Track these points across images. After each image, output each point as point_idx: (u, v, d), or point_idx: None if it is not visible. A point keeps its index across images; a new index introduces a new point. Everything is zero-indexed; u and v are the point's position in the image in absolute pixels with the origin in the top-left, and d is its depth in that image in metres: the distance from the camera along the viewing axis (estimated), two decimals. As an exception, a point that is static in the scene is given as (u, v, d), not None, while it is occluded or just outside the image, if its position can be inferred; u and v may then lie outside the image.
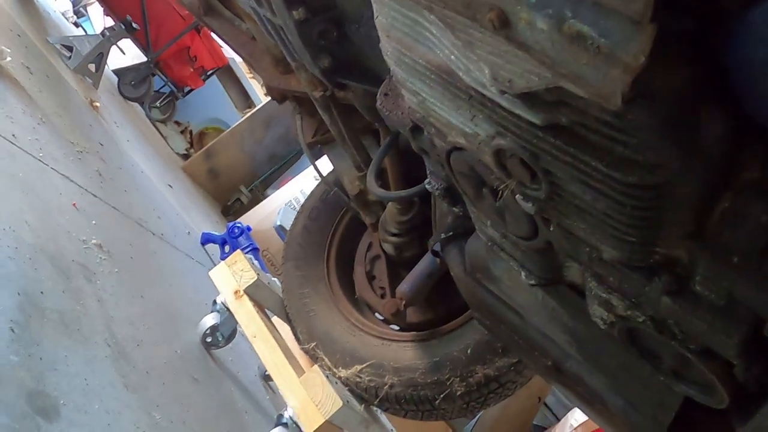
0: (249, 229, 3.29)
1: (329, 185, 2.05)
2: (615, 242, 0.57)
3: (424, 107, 0.71)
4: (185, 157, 5.57)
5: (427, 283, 1.65)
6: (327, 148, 2.05)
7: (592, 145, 0.50)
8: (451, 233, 1.33)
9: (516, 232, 0.75)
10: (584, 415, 3.02)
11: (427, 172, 0.97)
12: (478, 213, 0.84)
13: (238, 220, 3.63)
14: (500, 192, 0.67)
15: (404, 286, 1.65)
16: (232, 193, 5.16)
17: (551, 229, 0.67)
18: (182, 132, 5.87)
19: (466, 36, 0.53)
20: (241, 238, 3.17)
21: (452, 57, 0.58)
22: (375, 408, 1.87)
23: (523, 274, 0.86)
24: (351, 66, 1.10)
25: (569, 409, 3.25)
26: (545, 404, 3.64)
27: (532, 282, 0.85)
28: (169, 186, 3.79)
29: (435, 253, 1.50)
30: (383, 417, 2.01)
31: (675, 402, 0.84)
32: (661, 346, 0.72)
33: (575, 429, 3.04)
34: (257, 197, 5.07)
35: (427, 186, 1.12)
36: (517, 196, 0.65)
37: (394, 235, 1.78)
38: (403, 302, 1.65)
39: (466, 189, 0.78)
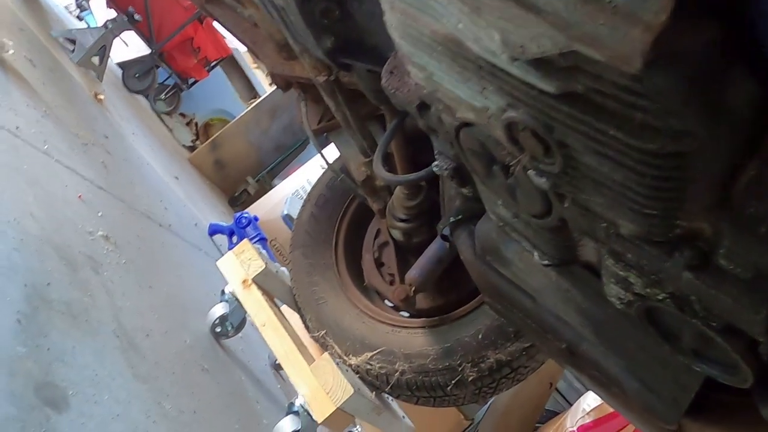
0: (256, 219, 3.28)
1: (336, 172, 2.03)
2: (634, 216, 0.54)
3: (431, 82, 0.68)
4: (191, 149, 5.56)
5: (436, 268, 1.63)
6: (333, 134, 2.02)
7: (610, 112, 0.48)
8: (460, 216, 1.30)
9: (528, 210, 0.72)
10: (598, 399, 3.01)
11: (435, 152, 0.94)
12: (488, 192, 0.82)
13: (245, 210, 3.62)
14: (511, 168, 0.65)
15: (413, 272, 1.63)
16: (239, 184, 5.15)
17: (565, 205, 0.64)
18: (188, 124, 5.86)
19: (474, 1, 0.51)
20: (248, 229, 3.16)
21: (459, 25, 0.55)
22: (386, 395, 1.86)
23: (535, 254, 0.84)
24: (355, 45, 1.07)
25: (581, 394, 3.23)
26: (557, 389, 3.63)
27: (546, 262, 0.83)
28: (176, 177, 3.78)
29: (444, 238, 1.48)
30: (395, 404, 2.00)
31: (695, 383, 0.82)
32: (681, 324, 0.70)
33: (587, 414, 3.02)
34: (264, 187, 5.06)
35: (434, 168, 1.10)
36: (529, 171, 0.62)
37: (402, 220, 1.76)
38: (413, 288, 1.63)
39: (476, 167, 0.76)
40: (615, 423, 3.00)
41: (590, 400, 3.05)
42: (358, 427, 1.94)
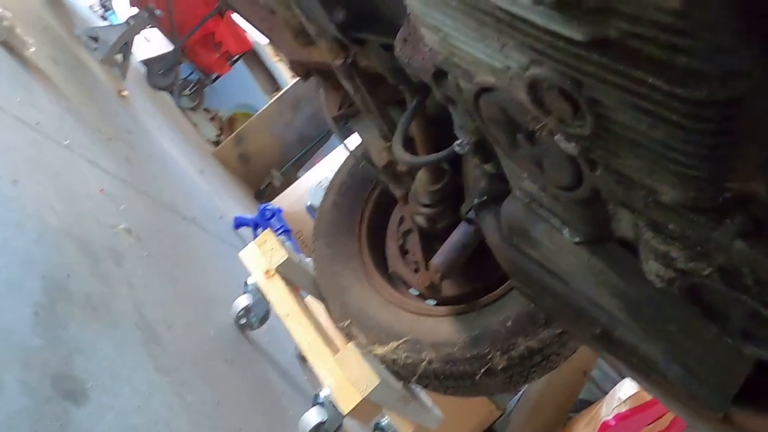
0: (280, 210, 3.27)
1: (357, 159, 1.99)
2: (677, 180, 0.48)
3: (446, 45, 0.63)
4: (216, 143, 5.58)
5: (461, 254, 1.58)
6: (353, 121, 1.98)
7: (648, 59, 0.42)
8: (485, 198, 1.25)
9: (557, 181, 0.66)
10: (634, 387, 2.92)
11: (455, 126, 0.89)
12: (513, 166, 0.76)
13: (270, 202, 3.61)
14: (537, 135, 0.59)
15: (438, 259, 1.58)
16: (264, 177, 5.15)
17: (598, 173, 0.58)
18: (212, 119, 5.89)
19: (491, -58, 0.45)
20: (273, 220, 3.15)
21: (475, -26, 0.50)
22: (414, 385, 1.82)
23: (565, 232, 0.78)
24: (368, 18, 1.02)
25: (616, 383, 3.14)
26: (591, 378, 3.54)
27: (577, 240, 0.77)
28: (201, 171, 3.79)
29: (469, 221, 1.43)
30: (423, 394, 1.96)
31: (744, 368, 0.75)
32: (729, 302, 0.63)
33: (624, 402, 2.94)
34: (289, 180, 5.05)
35: (456, 147, 1.04)
36: (556, 136, 0.56)
37: (425, 206, 1.71)
38: (438, 275, 1.58)
39: (499, 137, 0.70)
40: (652, 411, 2.91)
41: (626, 389, 2.97)
42: (386, 417, 1.91)
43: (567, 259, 0.97)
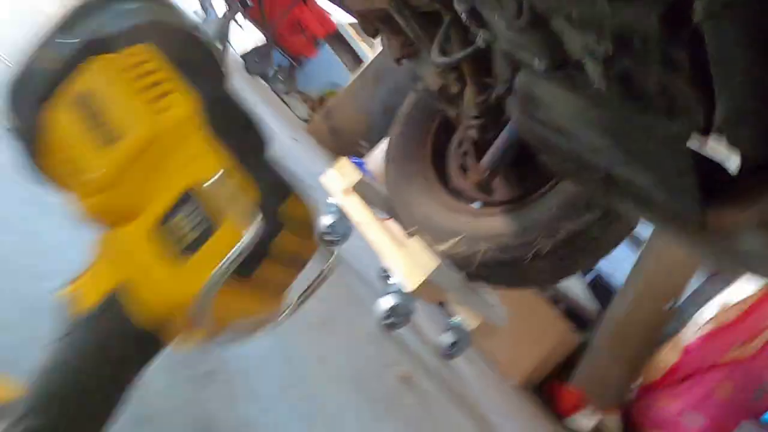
0: (363, 162, 3.59)
1: (419, 91, 2.24)
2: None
3: None
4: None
5: (507, 151, 1.78)
6: (414, 61, 2.23)
7: None
8: (507, 84, 1.45)
9: (508, 13, 0.88)
10: (716, 309, 2.91)
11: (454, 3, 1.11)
12: (489, 12, 0.98)
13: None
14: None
15: (485, 158, 1.81)
16: (354, 148, 5.52)
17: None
18: (304, 100, 6.36)
19: None
20: (358, 170, 3.48)
21: None
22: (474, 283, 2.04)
23: (535, 62, 0.98)
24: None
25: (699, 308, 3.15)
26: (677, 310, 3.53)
27: (543, 68, 0.97)
28: (294, 140, 4.21)
29: (499, 107, 1.64)
30: (486, 294, 2.17)
31: (687, 158, 0.88)
32: (645, 78, 0.80)
33: (706, 323, 2.96)
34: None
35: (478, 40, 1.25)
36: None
37: (475, 117, 1.92)
38: (485, 172, 1.80)
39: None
40: (738, 332, 2.90)
41: (707, 313, 2.97)
42: (457, 316, 2.15)
43: (561, 107, 1.15)
